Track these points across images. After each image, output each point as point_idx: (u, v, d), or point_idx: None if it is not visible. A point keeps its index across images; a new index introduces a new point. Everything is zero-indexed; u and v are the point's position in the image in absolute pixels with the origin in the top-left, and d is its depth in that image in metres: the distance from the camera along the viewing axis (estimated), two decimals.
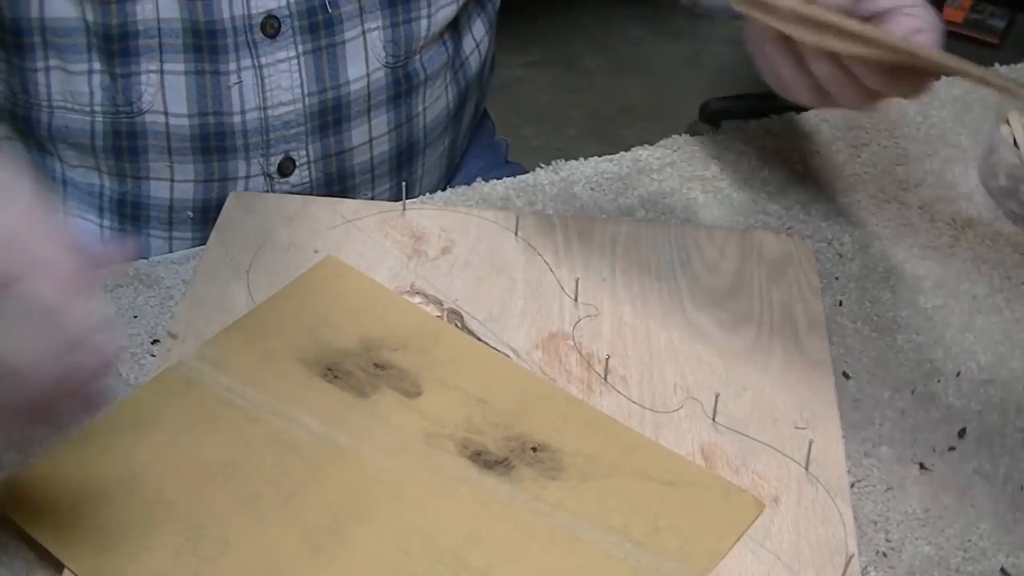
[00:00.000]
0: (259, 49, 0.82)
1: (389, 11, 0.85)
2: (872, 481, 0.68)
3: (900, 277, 0.81)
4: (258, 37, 0.82)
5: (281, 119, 0.85)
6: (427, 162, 0.96)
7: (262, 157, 0.86)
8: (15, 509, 0.62)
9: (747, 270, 0.79)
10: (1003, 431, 0.71)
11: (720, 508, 0.64)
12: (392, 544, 0.62)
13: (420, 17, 0.87)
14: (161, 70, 0.81)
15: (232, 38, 0.81)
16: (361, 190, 0.92)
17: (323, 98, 0.86)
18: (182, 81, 0.82)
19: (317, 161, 0.88)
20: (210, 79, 0.82)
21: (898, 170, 0.90)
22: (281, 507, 0.63)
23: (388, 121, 0.90)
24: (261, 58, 0.83)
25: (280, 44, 0.83)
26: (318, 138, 0.87)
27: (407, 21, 0.87)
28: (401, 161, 0.93)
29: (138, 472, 0.64)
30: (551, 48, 2.05)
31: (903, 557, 0.64)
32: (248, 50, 0.82)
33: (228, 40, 0.81)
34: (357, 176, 0.91)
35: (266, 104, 0.84)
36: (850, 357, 0.75)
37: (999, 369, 0.75)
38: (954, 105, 0.97)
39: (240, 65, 0.82)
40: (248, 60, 0.82)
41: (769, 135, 0.93)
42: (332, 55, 0.85)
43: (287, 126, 0.85)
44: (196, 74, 0.82)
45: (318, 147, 0.88)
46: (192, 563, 0.60)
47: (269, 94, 0.84)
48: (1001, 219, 0.86)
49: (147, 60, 0.81)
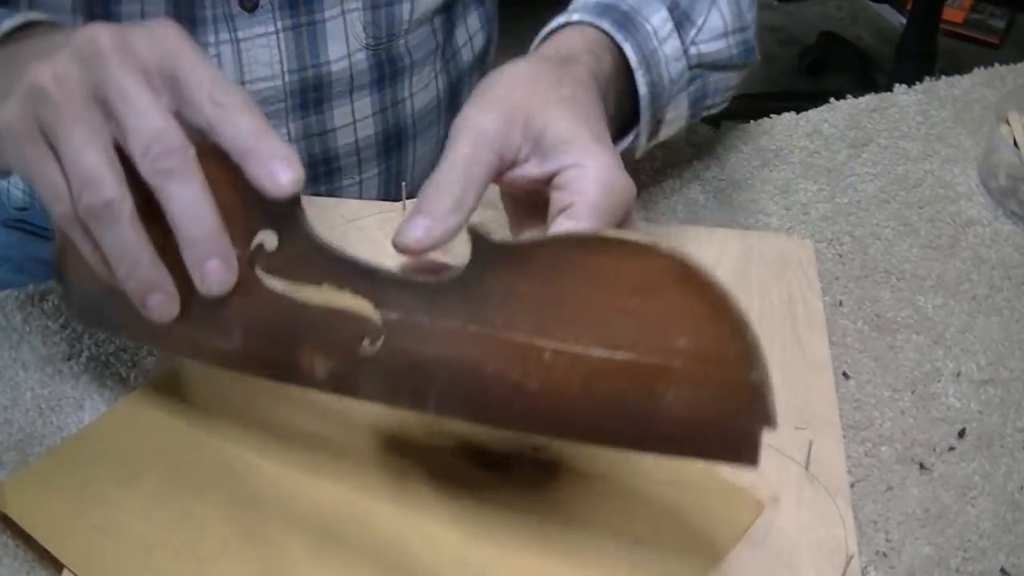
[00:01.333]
0: (237, 23, 0.82)
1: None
2: (872, 481, 0.68)
3: (900, 277, 0.81)
4: (236, 10, 0.81)
5: (260, 94, 0.84)
6: (418, 151, 0.95)
7: None
8: (15, 509, 0.62)
9: (747, 270, 0.79)
10: (1003, 431, 0.71)
11: (720, 508, 0.64)
12: (392, 544, 0.62)
13: (403, 1, 0.86)
14: None
15: (210, 10, 0.81)
16: (347, 173, 0.91)
17: (303, 76, 0.85)
18: None
19: (299, 140, 0.88)
20: None
21: (898, 170, 0.90)
22: (281, 507, 0.63)
23: (372, 103, 0.89)
24: (239, 32, 0.82)
25: (259, 19, 0.82)
26: (299, 116, 0.87)
27: (388, 4, 0.86)
28: (389, 147, 0.93)
29: (138, 472, 0.64)
30: None
31: (903, 557, 0.64)
32: (226, 23, 0.81)
33: (207, 12, 0.81)
34: (342, 158, 0.90)
35: (244, 79, 0.83)
36: (850, 357, 0.75)
37: (999, 369, 0.75)
38: (954, 105, 0.97)
39: (219, 39, 0.82)
40: (226, 34, 0.82)
41: (769, 135, 0.93)
42: (312, 33, 0.84)
43: (267, 102, 0.85)
44: None
45: (299, 125, 0.87)
46: (192, 563, 0.60)
47: (247, 69, 0.83)
48: (1001, 219, 0.86)
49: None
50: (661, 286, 0.50)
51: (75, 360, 0.72)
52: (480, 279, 0.54)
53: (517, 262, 0.53)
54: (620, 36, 0.71)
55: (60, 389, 0.71)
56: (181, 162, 0.55)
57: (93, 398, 0.70)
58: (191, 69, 0.56)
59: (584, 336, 0.52)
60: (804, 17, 2.81)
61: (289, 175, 0.55)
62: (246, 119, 0.56)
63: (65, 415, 0.69)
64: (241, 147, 0.55)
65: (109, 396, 0.70)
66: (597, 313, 0.52)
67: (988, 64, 1.01)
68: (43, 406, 0.70)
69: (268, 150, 0.55)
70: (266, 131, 0.56)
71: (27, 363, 0.72)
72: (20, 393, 0.70)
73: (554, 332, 0.53)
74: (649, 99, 0.72)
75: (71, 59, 0.56)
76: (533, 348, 0.53)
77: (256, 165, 0.55)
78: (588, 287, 0.52)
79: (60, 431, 0.68)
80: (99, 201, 0.54)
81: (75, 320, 0.69)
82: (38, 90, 0.55)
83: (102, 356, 0.73)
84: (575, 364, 0.52)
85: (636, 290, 0.51)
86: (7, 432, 0.68)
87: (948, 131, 0.94)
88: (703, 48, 0.76)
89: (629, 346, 0.52)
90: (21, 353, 0.73)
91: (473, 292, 0.54)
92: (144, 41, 0.57)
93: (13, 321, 0.75)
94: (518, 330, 0.53)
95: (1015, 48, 2.68)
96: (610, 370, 0.52)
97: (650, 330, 0.51)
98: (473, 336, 0.54)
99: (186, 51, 0.57)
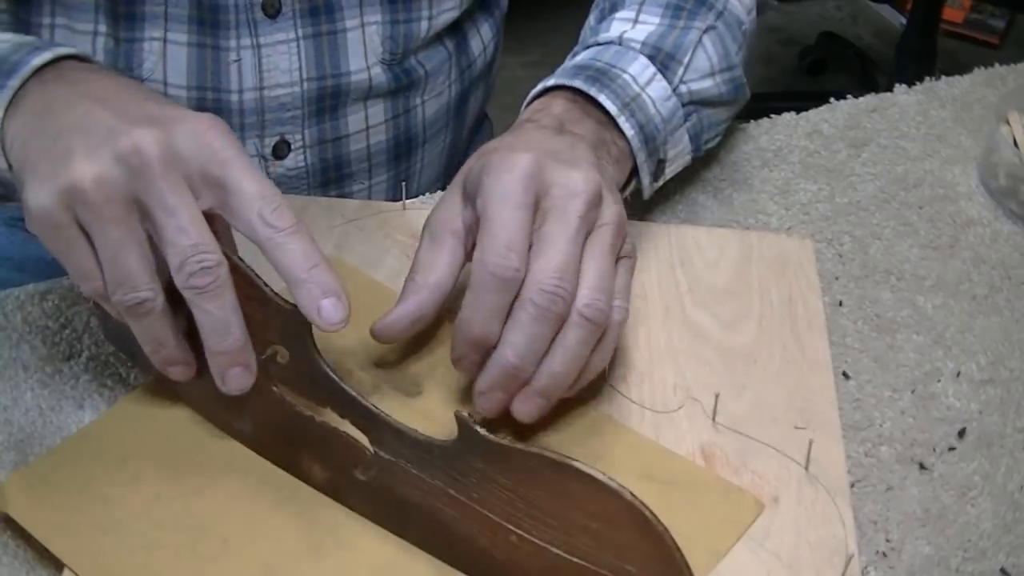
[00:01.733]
0: (259, 28, 0.82)
1: (389, 7, 0.86)
2: (872, 481, 0.68)
3: (900, 277, 0.81)
4: (258, 16, 0.82)
5: (277, 100, 0.85)
6: (426, 157, 0.96)
7: (257, 138, 0.86)
8: (15, 509, 0.62)
9: (747, 270, 0.79)
10: (1003, 431, 0.71)
11: (720, 508, 0.64)
12: (392, 544, 0.62)
13: (420, 19, 0.87)
14: (165, 39, 0.82)
15: (234, 15, 0.82)
16: (358, 178, 0.92)
17: (321, 84, 0.86)
18: (184, 52, 0.82)
19: (313, 146, 0.88)
20: (211, 54, 0.82)
21: (898, 170, 0.90)
22: (281, 507, 0.63)
23: (385, 111, 0.90)
24: (260, 38, 0.83)
25: (280, 25, 0.83)
26: (314, 123, 0.87)
27: (407, 20, 0.87)
28: (399, 152, 0.93)
29: (138, 472, 0.64)
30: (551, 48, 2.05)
31: (903, 557, 0.64)
32: (248, 28, 0.82)
33: (230, 16, 0.82)
34: (354, 164, 0.91)
35: (263, 84, 0.84)
36: (850, 357, 0.75)
37: (999, 369, 0.75)
38: (954, 105, 0.97)
39: (240, 43, 0.82)
40: (248, 39, 0.82)
41: (769, 135, 0.93)
42: (332, 43, 0.85)
43: (283, 108, 0.85)
44: (198, 47, 0.82)
45: (314, 132, 0.88)
46: (192, 563, 0.60)
47: (267, 74, 0.84)
48: (1001, 219, 0.86)
49: (152, 27, 0.81)
50: (620, 523, 0.55)
51: (75, 360, 0.72)
52: (463, 456, 0.58)
53: (497, 458, 0.57)
54: (594, 90, 0.74)
55: (60, 389, 0.71)
56: (214, 281, 0.58)
57: (93, 398, 0.70)
58: (240, 180, 0.58)
59: (547, 536, 0.57)
60: (804, 17, 2.81)
61: (340, 314, 0.59)
62: (298, 246, 0.58)
63: (65, 415, 0.69)
64: (293, 276, 0.58)
65: (109, 396, 0.70)
66: (561, 522, 0.57)
67: (988, 64, 1.01)
68: (43, 406, 0.70)
69: (320, 284, 0.58)
70: (317, 261, 0.59)
71: (27, 363, 0.72)
72: (20, 393, 0.70)
73: (521, 523, 0.58)
74: (641, 140, 0.75)
75: (114, 164, 0.57)
76: (502, 528, 0.58)
77: (307, 298, 0.58)
78: (557, 500, 0.56)
79: (60, 431, 0.68)
80: (133, 300, 0.58)
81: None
82: (79, 191, 0.56)
83: (102, 356, 0.73)
84: (537, 553, 0.58)
85: (597, 518, 0.56)
86: (7, 432, 0.68)
87: (948, 131, 0.94)
88: (693, 86, 0.79)
89: (585, 556, 0.57)
90: (21, 353, 0.73)
91: (456, 464, 0.59)
92: (190, 145, 0.58)
93: (13, 321, 0.74)
94: (491, 510, 0.58)
95: (1015, 48, 2.68)
96: (567, 567, 0.57)
97: (605, 550, 0.56)
98: (452, 499, 0.59)
99: (234, 157, 0.58)
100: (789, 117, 0.95)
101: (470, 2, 0.91)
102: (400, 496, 0.61)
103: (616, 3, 0.83)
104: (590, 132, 0.73)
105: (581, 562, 0.57)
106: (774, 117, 0.94)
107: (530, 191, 0.64)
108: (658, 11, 0.80)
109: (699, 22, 0.80)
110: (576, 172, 0.65)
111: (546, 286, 0.61)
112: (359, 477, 0.62)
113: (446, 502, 0.60)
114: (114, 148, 0.57)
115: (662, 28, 0.79)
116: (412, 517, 0.61)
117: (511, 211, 0.63)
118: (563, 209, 0.63)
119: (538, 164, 0.64)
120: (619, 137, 0.75)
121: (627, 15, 0.81)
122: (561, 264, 0.62)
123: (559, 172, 0.64)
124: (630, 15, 0.80)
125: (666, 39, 0.79)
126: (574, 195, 0.64)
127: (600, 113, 0.74)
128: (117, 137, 0.57)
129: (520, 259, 0.62)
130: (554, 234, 0.62)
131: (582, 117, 0.73)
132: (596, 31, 0.81)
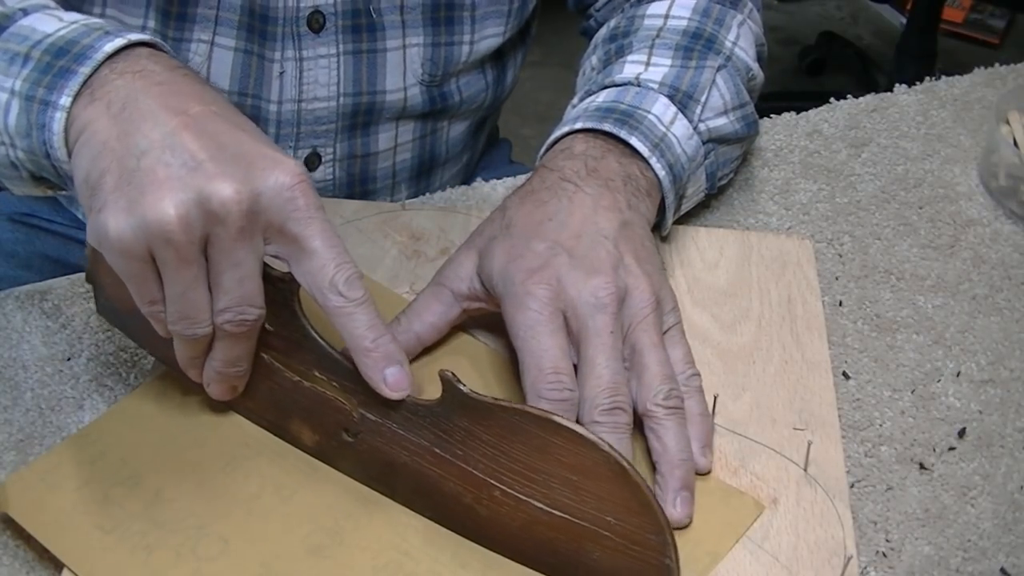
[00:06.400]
0: (303, 42, 0.83)
1: (432, 29, 0.86)
2: (872, 481, 0.68)
3: (900, 277, 0.81)
4: (303, 30, 0.83)
5: (314, 114, 0.86)
6: (446, 175, 0.97)
7: (290, 149, 0.86)
8: (15, 509, 0.62)
9: (747, 270, 0.79)
10: (1003, 431, 0.71)
11: (719, 510, 0.64)
12: (392, 544, 0.62)
13: (462, 43, 0.88)
14: (212, 42, 0.82)
15: (281, 26, 0.82)
16: (381, 195, 0.93)
17: (357, 101, 0.86)
18: (229, 57, 0.83)
19: (342, 160, 0.89)
20: (256, 62, 0.83)
21: (898, 170, 0.90)
22: (281, 507, 0.63)
23: (414, 130, 0.91)
24: (304, 51, 0.83)
25: (323, 40, 0.83)
26: (346, 138, 0.88)
27: (448, 44, 0.87)
28: (423, 171, 0.94)
29: (138, 472, 0.65)
30: (551, 48, 2.05)
31: (903, 557, 0.64)
32: (292, 41, 0.83)
33: (278, 28, 0.82)
34: (379, 180, 0.92)
35: (302, 97, 0.85)
36: (850, 357, 0.75)
37: (999, 369, 0.75)
38: (954, 105, 0.97)
39: (284, 55, 0.83)
40: (291, 51, 0.83)
41: (769, 135, 0.93)
42: (372, 61, 0.85)
43: (319, 121, 0.86)
44: (244, 53, 0.83)
45: (345, 146, 0.88)
46: (192, 563, 0.60)
47: (306, 87, 0.85)
48: (1001, 219, 0.86)
49: (201, 29, 0.82)
50: (598, 474, 0.58)
51: (75, 360, 0.72)
52: (447, 415, 0.61)
53: (480, 414, 0.60)
54: (624, 132, 0.75)
55: (60, 389, 0.71)
56: (247, 331, 0.62)
57: (93, 398, 0.70)
58: (318, 243, 0.60)
59: (528, 490, 0.60)
60: (804, 17, 2.81)
61: (404, 382, 0.62)
62: (366, 317, 0.61)
63: (65, 415, 0.69)
64: (360, 346, 0.61)
65: (109, 396, 0.70)
66: (543, 475, 0.59)
67: (988, 64, 1.01)
68: (43, 406, 0.70)
69: (386, 354, 0.61)
70: (383, 331, 0.61)
71: (27, 363, 0.72)
72: (20, 393, 0.70)
73: (503, 478, 0.60)
74: (670, 180, 0.76)
75: (197, 207, 0.57)
76: (485, 484, 0.60)
77: (372, 368, 0.61)
78: (538, 454, 0.59)
79: (60, 431, 0.68)
80: (190, 334, 0.61)
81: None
82: (162, 232, 0.57)
83: (102, 356, 0.73)
84: (519, 507, 0.60)
85: (577, 470, 0.58)
86: (7, 432, 0.68)
87: (948, 131, 0.94)
88: (710, 124, 0.80)
89: (565, 508, 0.59)
90: (21, 353, 0.73)
91: (440, 423, 0.61)
92: (273, 199, 0.59)
93: (13, 321, 0.75)
94: (474, 467, 0.61)
95: (1015, 48, 2.68)
96: (548, 520, 0.59)
97: (585, 502, 0.58)
98: (437, 456, 0.62)
99: (314, 218, 0.60)
100: (789, 117, 0.95)
101: (513, 31, 0.91)
102: (387, 457, 0.63)
103: (623, 46, 0.83)
104: (614, 170, 0.73)
105: (562, 515, 0.59)
106: (774, 117, 0.94)
107: (556, 316, 0.66)
108: (668, 53, 0.81)
109: (710, 62, 0.81)
110: (594, 280, 0.66)
111: (603, 405, 0.63)
112: (347, 439, 0.64)
113: (431, 461, 0.62)
114: (200, 192, 0.57)
115: (676, 69, 0.80)
116: (399, 477, 0.63)
117: (544, 340, 0.65)
118: (595, 330, 0.65)
119: (558, 279, 0.66)
120: (646, 168, 0.75)
121: (638, 58, 0.81)
122: (609, 382, 0.64)
123: (579, 283, 0.66)
124: (641, 58, 0.81)
125: (682, 79, 0.79)
126: (599, 309, 0.65)
127: (622, 146, 0.75)
128: (204, 181, 0.57)
129: (570, 379, 0.64)
130: (593, 358, 0.64)
131: (604, 154, 0.74)
132: (609, 73, 0.81)
